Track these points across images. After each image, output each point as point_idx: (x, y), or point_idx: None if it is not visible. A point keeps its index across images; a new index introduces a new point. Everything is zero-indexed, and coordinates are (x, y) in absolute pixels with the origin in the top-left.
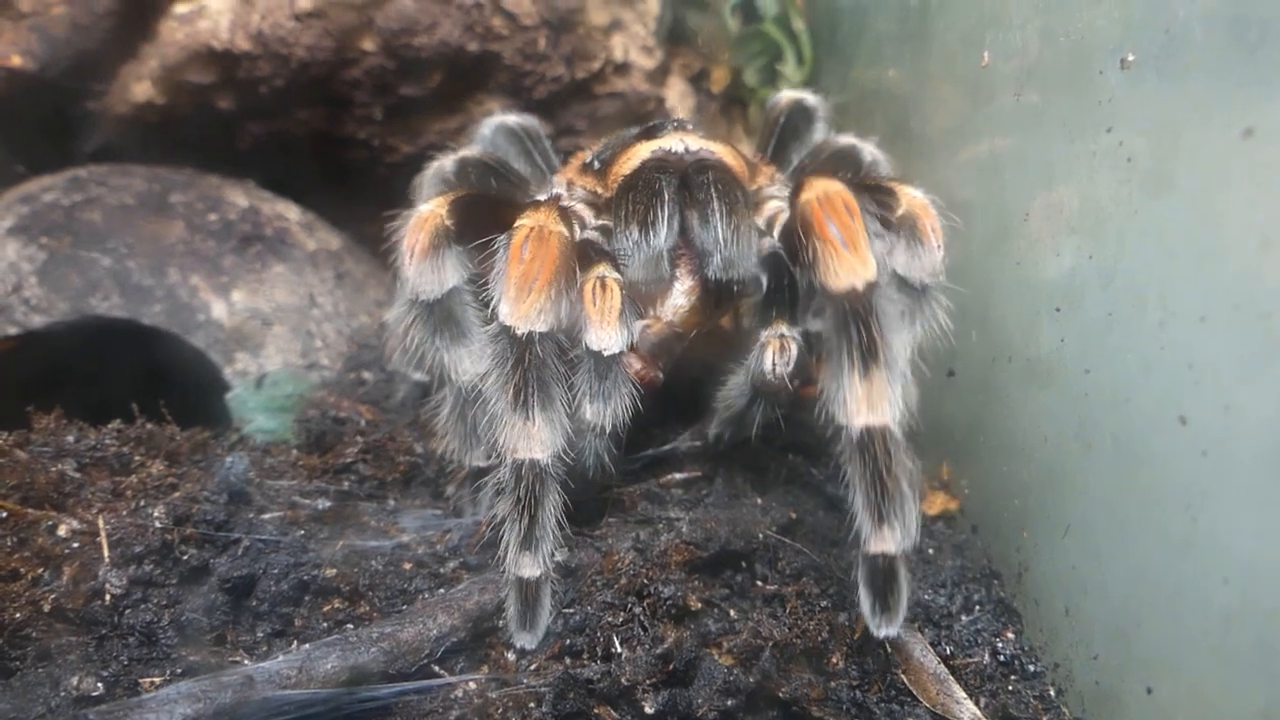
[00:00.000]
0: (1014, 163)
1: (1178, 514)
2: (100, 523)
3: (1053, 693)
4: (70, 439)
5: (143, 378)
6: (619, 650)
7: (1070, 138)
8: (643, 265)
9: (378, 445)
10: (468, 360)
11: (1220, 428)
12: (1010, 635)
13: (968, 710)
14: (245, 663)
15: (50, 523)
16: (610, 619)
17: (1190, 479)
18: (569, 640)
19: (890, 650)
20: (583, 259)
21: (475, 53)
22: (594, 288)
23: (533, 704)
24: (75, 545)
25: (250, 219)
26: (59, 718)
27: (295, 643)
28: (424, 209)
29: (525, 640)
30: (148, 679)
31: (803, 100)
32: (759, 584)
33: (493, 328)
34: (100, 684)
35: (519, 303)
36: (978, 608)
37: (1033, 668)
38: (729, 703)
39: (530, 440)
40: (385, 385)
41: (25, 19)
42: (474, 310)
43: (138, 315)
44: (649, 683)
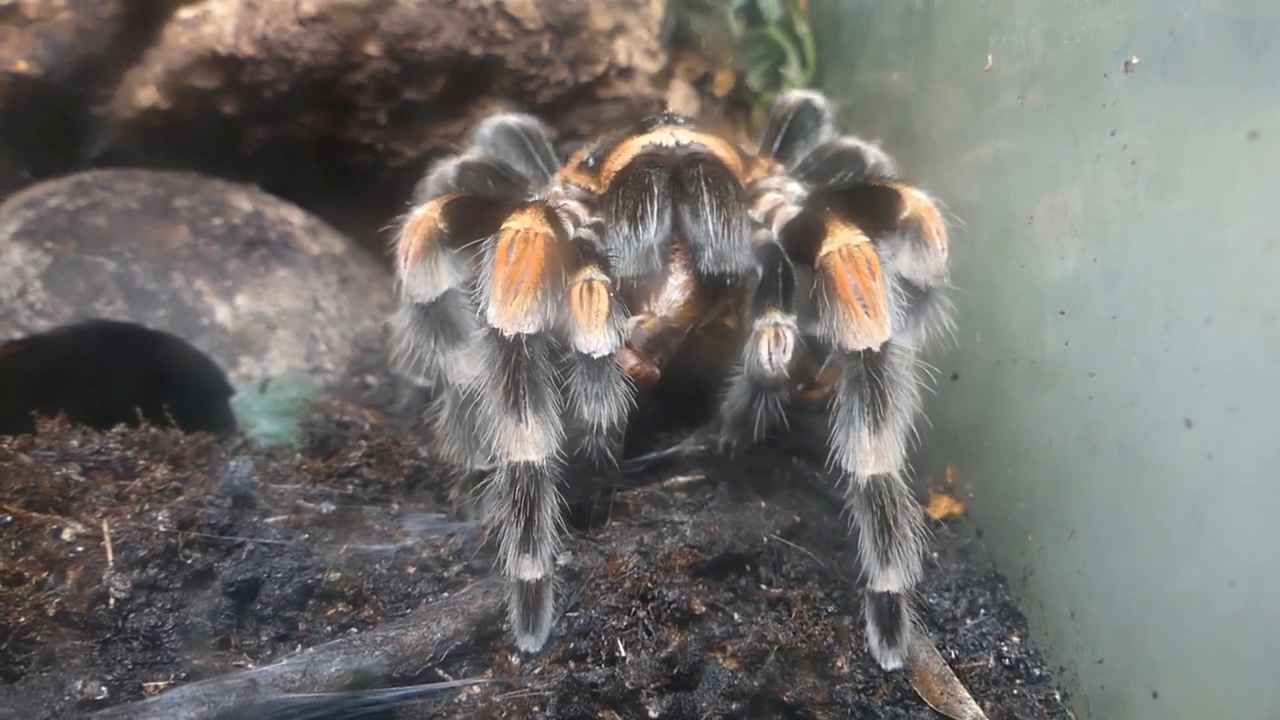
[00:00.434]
0: (1018, 165)
1: (1183, 517)
2: (104, 527)
3: (1058, 697)
4: (74, 443)
5: (147, 382)
6: (623, 654)
7: (1074, 140)
8: (634, 260)
9: (382, 449)
10: (464, 363)
11: (1225, 430)
12: (1015, 639)
13: (970, 711)
14: (249, 666)
15: (54, 527)
16: (614, 623)
17: (1196, 482)
18: (573, 644)
19: None
20: (571, 261)
21: (479, 57)
22: (581, 291)
23: (537, 708)
24: (79, 549)
25: (254, 223)
26: None
27: (299, 646)
28: (418, 213)
29: (529, 643)
30: (152, 683)
31: (811, 100)
32: (763, 588)
33: (482, 331)
34: (104, 688)
35: (505, 305)
36: (982, 611)
37: (1038, 671)
38: (733, 707)
39: (523, 442)
40: (389, 389)
41: (31, 24)
42: (470, 313)
43: (142, 319)
44: (653, 686)
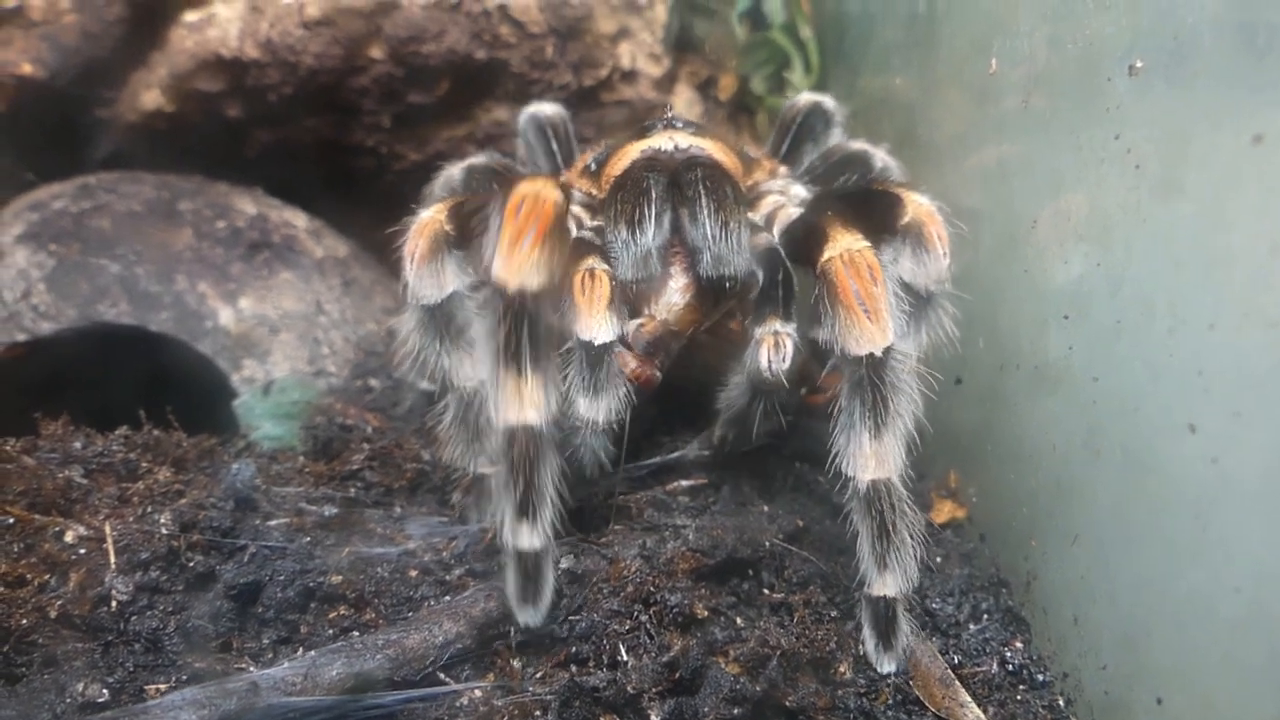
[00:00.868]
0: (1022, 170)
1: (1187, 522)
2: (107, 529)
3: (1061, 702)
4: (77, 445)
5: (150, 384)
6: (625, 658)
7: (1078, 144)
8: (632, 264)
9: (384, 452)
10: (469, 365)
11: (1229, 435)
12: (1019, 644)
13: (973, 716)
14: (250, 669)
15: (57, 529)
16: (616, 627)
17: (1199, 487)
18: (575, 648)
19: None
20: (574, 253)
21: (483, 60)
22: (583, 278)
23: (538, 712)
24: (82, 551)
25: (258, 226)
26: None
27: (301, 649)
28: (424, 215)
29: (528, 616)
30: (153, 685)
31: (821, 103)
32: (766, 592)
33: (485, 292)
34: (105, 690)
35: (510, 258)
36: (986, 616)
37: (1041, 677)
38: (735, 711)
39: (522, 401)
40: (392, 392)
41: (36, 27)
42: (475, 315)
43: (145, 322)
44: (655, 691)
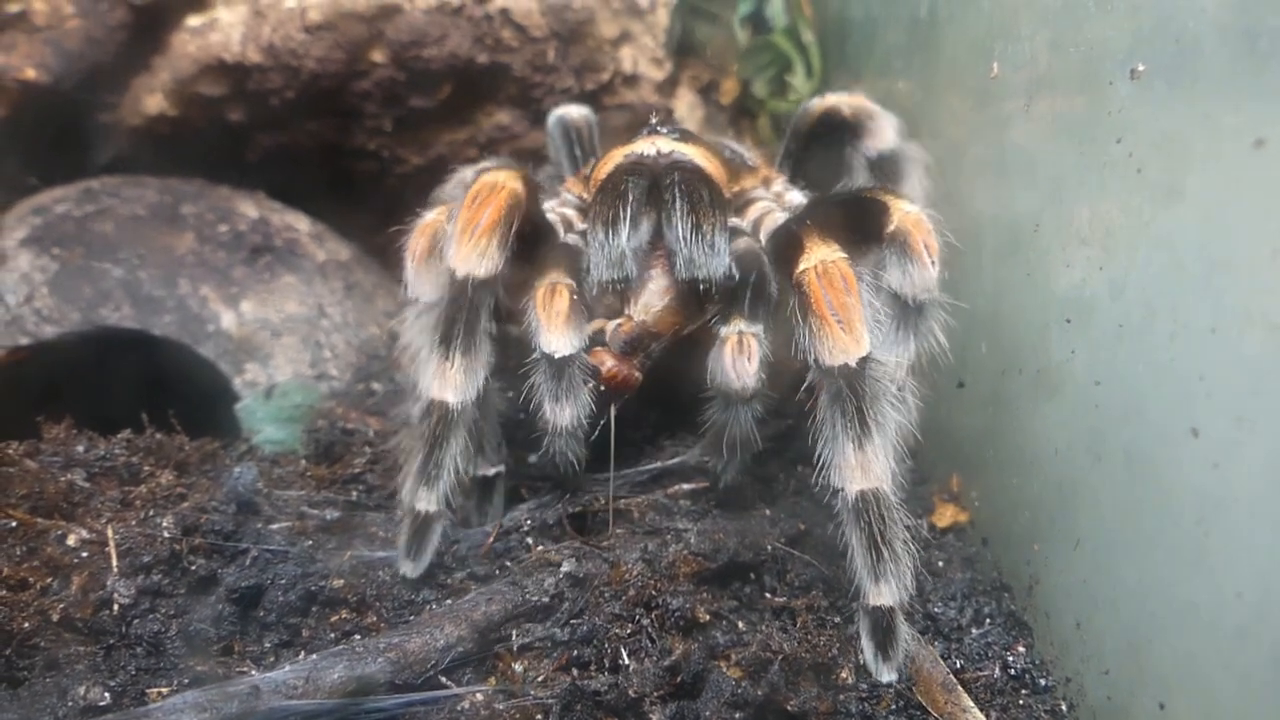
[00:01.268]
0: (1024, 173)
1: (1190, 527)
2: (109, 532)
3: (1064, 708)
4: (80, 449)
5: (152, 388)
6: (627, 662)
7: (1080, 149)
8: (608, 265)
9: (386, 456)
10: None
11: (1232, 440)
12: (1021, 649)
13: (974, 718)
14: (252, 673)
15: (59, 532)
16: (618, 630)
17: (1202, 492)
18: (576, 651)
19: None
20: (545, 263)
21: (485, 64)
22: (544, 292)
23: (539, 715)
24: (84, 555)
25: (260, 230)
26: None
27: (302, 653)
28: (428, 216)
29: (408, 568)
30: (155, 689)
31: (838, 107)
32: (767, 596)
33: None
34: (107, 694)
35: (460, 245)
36: (988, 621)
37: (1044, 682)
38: (737, 715)
39: (444, 382)
40: (394, 395)
41: (39, 32)
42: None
43: (148, 326)
44: (657, 695)
